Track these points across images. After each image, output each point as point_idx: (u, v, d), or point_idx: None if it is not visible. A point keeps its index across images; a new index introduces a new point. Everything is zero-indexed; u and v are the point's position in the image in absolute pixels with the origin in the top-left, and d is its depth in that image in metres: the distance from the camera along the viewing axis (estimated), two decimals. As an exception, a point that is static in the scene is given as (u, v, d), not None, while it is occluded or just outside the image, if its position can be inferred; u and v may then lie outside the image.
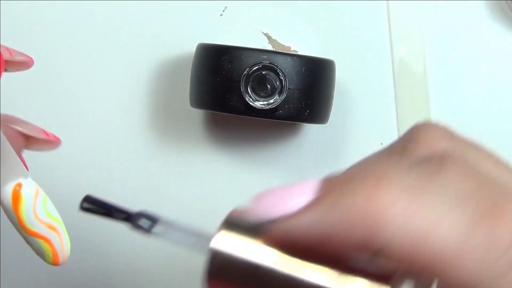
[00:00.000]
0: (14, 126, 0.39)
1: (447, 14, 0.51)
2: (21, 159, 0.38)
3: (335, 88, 0.49)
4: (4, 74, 0.52)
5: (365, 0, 0.51)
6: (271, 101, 0.45)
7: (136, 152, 0.52)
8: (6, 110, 0.52)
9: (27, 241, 0.36)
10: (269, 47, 0.51)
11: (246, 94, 0.45)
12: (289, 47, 0.51)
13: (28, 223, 0.36)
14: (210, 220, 0.53)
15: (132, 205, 0.52)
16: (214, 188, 0.52)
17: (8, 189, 0.36)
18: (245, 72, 0.45)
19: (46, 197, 0.37)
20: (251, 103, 0.45)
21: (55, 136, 0.42)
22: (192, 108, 0.48)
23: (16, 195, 0.36)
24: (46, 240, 0.36)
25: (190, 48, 0.50)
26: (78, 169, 0.52)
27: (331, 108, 0.48)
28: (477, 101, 0.51)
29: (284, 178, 0.52)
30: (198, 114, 0.52)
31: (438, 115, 0.51)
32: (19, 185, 0.36)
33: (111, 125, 0.52)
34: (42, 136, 0.41)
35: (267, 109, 0.45)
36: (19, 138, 0.39)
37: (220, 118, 0.52)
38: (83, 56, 0.52)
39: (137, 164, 0.52)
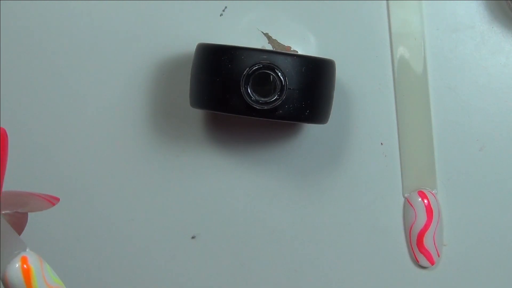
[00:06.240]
0: (20, 210, 0.38)
1: (447, 14, 0.51)
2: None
3: (335, 88, 0.49)
4: (2, 72, 0.52)
5: (365, 0, 0.51)
6: (271, 101, 0.45)
7: (135, 152, 0.52)
8: (6, 110, 0.52)
9: None
10: (269, 47, 0.51)
11: (246, 94, 0.45)
12: (289, 47, 0.51)
13: None
14: (210, 220, 0.54)
15: (131, 205, 0.53)
16: (214, 188, 0.52)
17: (16, 266, 0.35)
18: (245, 72, 0.45)
19: (46, 263, 0.36)
20: (251, 103, 0.45)
21: (55, 198, 0.40)
22: (192, 108, 0.48)
23: (27, 270, 0.35)
24: None
25: (190, 48, 0.50)
26: (77, 169, 0.52)
27: (331, 108, 0.48)
28: (477, 101, 0.51)
29: (284, 178, 0.52)
30: (198, 114, 0.52)
31: (438, 115, 0.51)
32: (25, 258, 0.35)
33: (111, 125, 0.52)
34: (46, 207, 0.39)
35: (267, 109, 0.45)
36: (23, 218, 0.38)
37: (220, 118, 0.52)
38: (82, 56, 0.52)
39: (136, 164, 0.52)
